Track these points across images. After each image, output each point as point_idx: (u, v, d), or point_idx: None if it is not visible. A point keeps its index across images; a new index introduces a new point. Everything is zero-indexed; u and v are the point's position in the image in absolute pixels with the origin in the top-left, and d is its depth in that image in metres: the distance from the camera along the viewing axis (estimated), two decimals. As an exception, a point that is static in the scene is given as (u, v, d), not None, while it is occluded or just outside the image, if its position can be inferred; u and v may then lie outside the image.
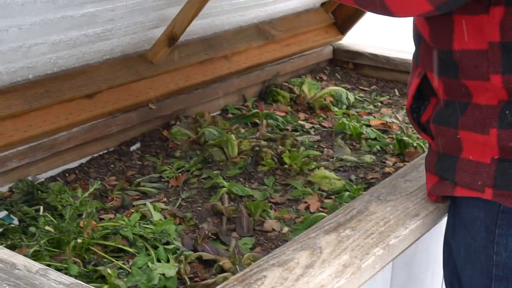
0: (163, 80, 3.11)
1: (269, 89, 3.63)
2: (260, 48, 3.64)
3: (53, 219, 2.26)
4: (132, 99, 2.94)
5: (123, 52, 2.96)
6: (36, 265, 1.74)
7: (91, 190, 2.32)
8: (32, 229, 2.20)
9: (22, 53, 2.49)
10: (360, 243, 1.89)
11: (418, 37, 2.01)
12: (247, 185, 2.71)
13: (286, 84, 3.72)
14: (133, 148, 2.96)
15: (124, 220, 2.25)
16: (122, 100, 2.89)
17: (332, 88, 3.67)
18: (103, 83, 2.85)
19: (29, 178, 2.59)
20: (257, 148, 2.86)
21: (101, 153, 2.88)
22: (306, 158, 2.86)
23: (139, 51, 3.03)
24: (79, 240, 2.10)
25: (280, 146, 2.85)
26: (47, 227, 2.16)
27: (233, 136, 2.88)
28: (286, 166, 2.80)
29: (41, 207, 2.34)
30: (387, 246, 1.89)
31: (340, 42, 4.13)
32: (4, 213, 2.38)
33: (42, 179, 2.65)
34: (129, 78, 2.96)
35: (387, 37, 5.52)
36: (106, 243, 2.15)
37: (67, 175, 2.71)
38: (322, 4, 4.06)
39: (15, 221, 2.35)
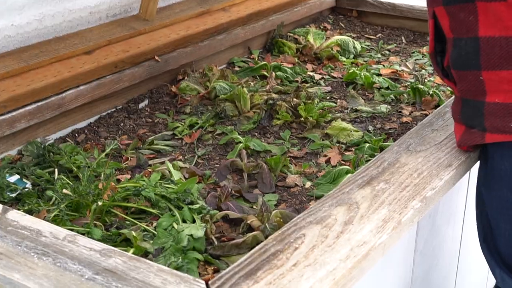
0: (163, 33, 3.00)
1: (275, 40, 3.53)
2: (258, -2, 3.53)
3: (69, 182, 2.18)
4: (134, 50, 2.82)
5: (110, 8, 2.86)
6: (63, 231, 1.66)
7: (107, 150, 2.23)
8: (49, 193, 2.11)
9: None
10: (397, 196, 1.82)
11: None
12: (262, 140, 2.63)
13: (291, 34, 3.61)
14: (141, 105, 2.86)
15: (144, 181, 2.16)
16: (124, 52, 2.78)
17: (338, 37, 3.57)
18: (99, 39, 2.75)
19: (38, 139, 2.49)
20: (270, 102, 2.76)
21: (109, 111, 2.77)
22: (322, 110, 2.78)
23: (129, 11, 2.94)
24: (99, 203, 2.02)
25: (294, 99, 2.76)
26: (64, 191, 2.07)
27: (245, 90, 2.78)
28: (301, 118, 2.71)
29: (56, 170, 2.24)
30: (424, 198, 1.83)
31: (343, -11, 4.02)
32: (16, 177, 2.29)
33: (52, 140, 2.55)
34: (125, 33, 2.85)
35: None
36: (127, 204, 2.07)
37: (76, 135, 2.61)
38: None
39: (29, 185, 2.26)
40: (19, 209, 2.06)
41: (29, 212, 2.06)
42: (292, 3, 3.66)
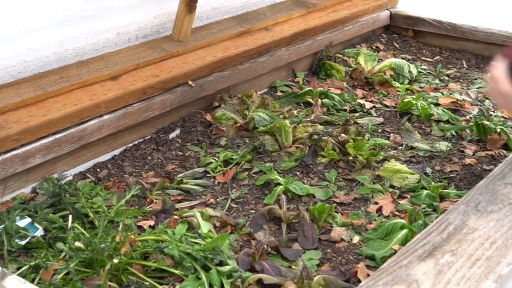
0: (198, 55, 2.72)
1: (322, 62, 3.22)
2: (304, 16, 3.23)
3: (84, 232, 1.91)
4: (164, 74, 2.55)
5: (140, 28, 2.60)
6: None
7: (128, 197, 1.95)
8: (60, 245, 1.85)
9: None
10: (466, 274, 1.51)
11: None
12: (305, 181, 2.33)
13: (340, 55, 3.30)
14: (172, 135, 2.59)
15: (167, 233, 1.89)
16: (153, 77, 2.51)
17: (392, 60, 3.25)
18: (127, 63, 2.49)
19: (55, 175, 2.24)
20: (315, 136, 2.46)
21: (136, 142, 2.51)
22: (373, 148, 2.47)
23: (161, 32, 2.68)
24: (115, 260, 1.75)
25: (342, 134, 2.45)
26: (77, 243, 1.81)
27: (287, 122, 2.49)
28: (349, 157, 2.41)
29: (70, 216, 1.98)
30: (499, 277, 1.51)
31: (398, 7, 3.69)
32: (27, 220, 2.03)
33: (70, 176, 2.29)
34: (156, 56, 2.58)
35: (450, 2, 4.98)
36: (147, 263, 1.79)
37: (98, 170, 2.36)
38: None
39: (40, 231, 2.00)
40: (25, 263, 1.80)
41: (37, 267, 1.80)
42: (342, 21, 3.35)
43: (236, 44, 2.84)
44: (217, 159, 2.43)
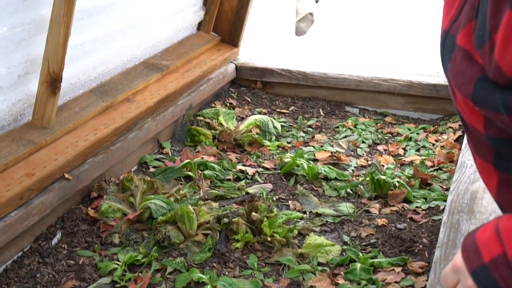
0: (68, 141, 2.36)
1: (187, 128, 2.99)
2: (160, 81, 2.99)
3: None
4: (39, 171, 2.16)
5: None
6: None
7: None
8: None
9: None
10: None
11: None
12: (226, 272, 2.09)
13: (201, 118, 3.09)
14: (54, 241, 2.19)
15: None
16: (29, 176, 2.12)
17: (255, 117, 3.11)
18: (-9, 165, 2.08)
19: None
20: (225, 220, 2.23)
21: (15, 257, 2.09)
22: (287, 223, 2.30)
23: (19, 119, 2.29)
24: None
25: (253, 213, 2.25)
26: None
27: (190, 208, 2.23)
28: (266, 237, 2.21)
29: None
30: None
31: (243, 59, 3.57)
32: None
33: None
34: (24, 150, 2.19)
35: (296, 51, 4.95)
36: None
37: (-20, 303, 1.91)
38: (199, 27, 3.50)
39: None
40: None
41: None
42: (196, 80, 3.15)
43: (105, 122, 2.52)
44: (119, 263, 2.10)
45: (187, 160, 2.69)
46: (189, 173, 2.66)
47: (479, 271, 1.11)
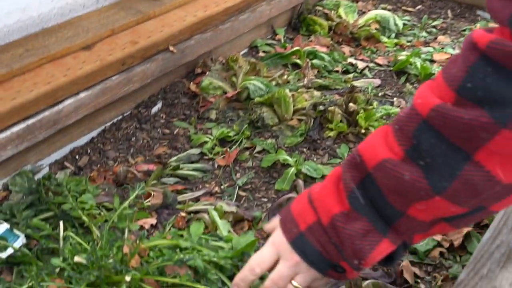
0: (177, 15, 2.38)
1: (303, 17, 2.93)
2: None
3: (81, 242, 1.60)
4: (144, 40, 2.20)
5: None
6: None
7: (132, 197, 1.64)
8: (56, 261, 1.53)
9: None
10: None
11: None
12: (314, 158, 2.08)
13: (319, 8, 3.01)
14: (154, 110, 2.26)
15: (182, 236, 1.60)
16: (132, 44, 2.16)
17: (376, 12, 2.99)
18: (99, 29, 2.13)
19: (28, 167, 1.90)
20: (320, 107, 2.19)
21: (115, 120, 2.18)
22: (385, 118, 2.23)
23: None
24: (127, 278, 1.46)
25: (350, 104, 2.19)
26: (77, 259, 1.50)
27: (287, 92, 2.21)
28: (360, 129, 2.16)
29: (61, 223, 1.66)
30: None
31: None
32: (4, 226, 1.70)
33: (46, 167, 1.96)
34: (131, 19, 2.23)
35: None
36: (164, 279, 1.50)
37: (76, 157, 2.02)
38: None
39: (21, 239, 1.67)
40: (14, 283, 1.49)
41: (29, 290, 1.49)
42: (319, -31, 3.05)
43: (216, 0, 2.51)
44: (211, 136, 2.13)
45: (297, 47, 2.64)
46: (298, 60, 2.62)
47: (297, 240, 1.15)
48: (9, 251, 1.62)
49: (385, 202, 1.06)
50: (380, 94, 2.46)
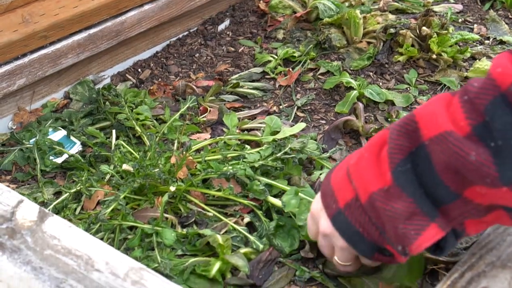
0: None
1: None
2: None
3: (131, 151, 1.61)
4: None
5: None
6: (123, 262, 1.11)
7: (182, 109, 1.63)
8: (105, 168, 1.55)
9: None
10: None
11: None
12: (380, 83, 1.99)
13: None
14: (221, 27, 2.23)
15: (227, 148, 1.59)
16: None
17: None
18: None
19: (90, 77, 1.92)
20: (391, 30, 2.10)
21: (180, 36, 2.16)
22: (460, 45, 2.11)
23: None
24: (172, 188, 1.46)
25: (423, 27, 2.08)
26: (125, 166, 1.52)
27: (357, 13, 2.12)
28: (432, 55, 2.05)
29: (113, 132, 1.68)
30: None
31: None
32: (62, 133, 1.74)
33: (107, 78, 1.97)
34: None
35: None
36: (210, 192, 1.50)
37: (139, 70, 2.03)
38: None
39: (77, 146, 1.71)
40: (64, 190, 1.52)
41: (78, 194, 1.52)
42: None
43: None
44: (275, 56, 2.09)
45: (375, -31, 2.52)
46: (375, -18, 2.50)
47: (337, 216, 1.06)
48: (64, 156, 1.67)
49: (437, 180, 0.93)
50: (460, 20, 2.32)
